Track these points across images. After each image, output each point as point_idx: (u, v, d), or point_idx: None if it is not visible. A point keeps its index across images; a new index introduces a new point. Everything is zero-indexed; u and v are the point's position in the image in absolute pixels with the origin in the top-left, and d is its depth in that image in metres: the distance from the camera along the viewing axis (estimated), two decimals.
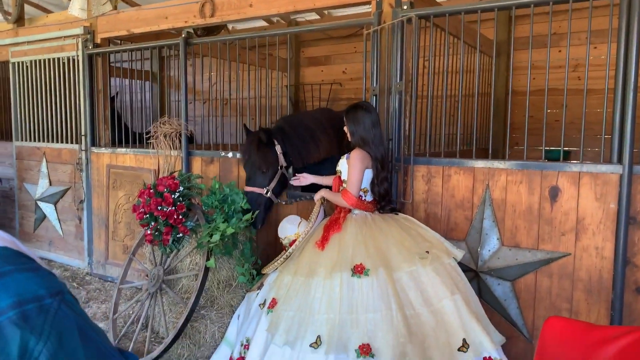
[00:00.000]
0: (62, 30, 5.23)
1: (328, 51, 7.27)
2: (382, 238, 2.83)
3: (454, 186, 3.28)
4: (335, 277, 2.64)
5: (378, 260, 2.68)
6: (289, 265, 2.90)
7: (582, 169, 2.89)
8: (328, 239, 2.88)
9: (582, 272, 2.92)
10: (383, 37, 3.48)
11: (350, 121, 3.05)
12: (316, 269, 2.73)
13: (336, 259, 2.74)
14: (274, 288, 2.89)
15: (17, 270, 0.70)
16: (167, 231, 3.36)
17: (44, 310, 0.68)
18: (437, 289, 2.64)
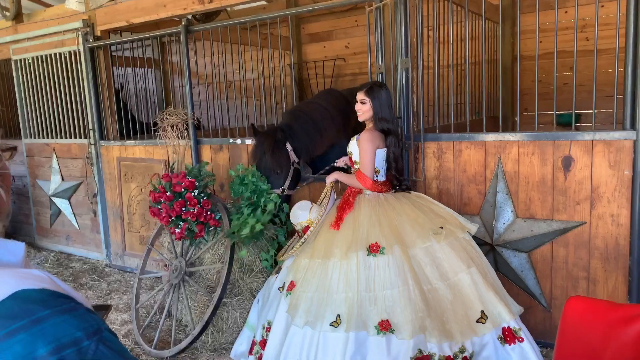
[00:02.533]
0: (61, 24, 5.20)
1: (329, 26, 7.16)
2: (395, 216, 2.85)
3: (466, 161, 3.26)
4: (352, 256, 2.68)
5: (393, 238, 2.70)
6: (305, 249, 2.94)
7: (594, 137, 2.86)
8: (342, 218, 2.90)
9: (598, 240, 2.92)
10: (386, 13, 3.42)
11: (374, 99, 2.99)
12: (332, 249, 2.76)
13: (351, 238, 2.77)
14: (291, 271, 2.93)
15: (54, 313, 0.71)
16: (200, 229, 3.42)
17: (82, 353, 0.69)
18: (452, 263, 2.67)
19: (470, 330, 2.53)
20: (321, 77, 7.20)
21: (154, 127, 4.40)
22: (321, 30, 7.23)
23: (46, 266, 5.33)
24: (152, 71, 6.94)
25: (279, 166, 3.52)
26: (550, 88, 5.33)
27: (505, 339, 2.55)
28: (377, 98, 3.00)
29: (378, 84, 3.09)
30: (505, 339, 2.55)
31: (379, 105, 2.99)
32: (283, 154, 3.54)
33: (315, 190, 3.95)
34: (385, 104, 3.00)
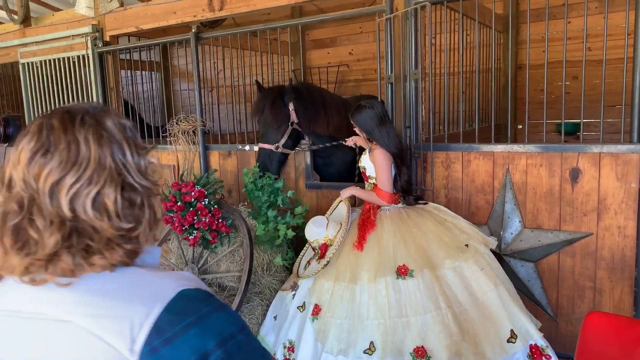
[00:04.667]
0: (70, 29, 5.23)
1: (333, 33, 7.22)
2: (420, 234, 2.83)
3: (474, 171, 3.31)
4: (380, 281, 2.64)
5: (420, 259, 2.69)
6: (328, 270, 2.87)
7: (602, 150, 2.91)
8: (365, 238, 2.86)
9: (605, 251, 2.98)
10: (396, 24, 3.47)
11: (358, 123, 3.04)
12: (358, 273, 2.73)
13: (378, 260, 2.73)
14: (314, 293, 2.87)
15: (213, 310, 0.83)
16: (213, 236, 3.46)
17: (240, 346, 0.81)
18: (480, 282, 2.67)
19: (502, 350, 2.53)
20: (325, 83, 7.25)
21: (164, 133, 4.43)
22: (325, 36, 7.28)
23: None
24: (155, 74, 6.99)
25: (277, 121, 3.63)
26: (553, 97, 5.42)
27: (533, 356, 2.56)
28: (360, 120, 3.04)
29: (358, 106, 3.08)
30: (532, 356, 2.56)
31: (363, 125, 3.02)
32: (282, 110, 3.65)
33: (323, 198, 3.99)
34: (371, 125, 3.00)
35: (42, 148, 0.84)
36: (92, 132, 0.86)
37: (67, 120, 0.88)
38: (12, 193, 0.85)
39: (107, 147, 0.87)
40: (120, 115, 0.96)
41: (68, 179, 0.82)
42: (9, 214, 0.84)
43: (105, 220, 0.84)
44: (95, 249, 0.83)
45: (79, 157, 0.84)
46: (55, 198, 0.82)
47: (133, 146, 0.91)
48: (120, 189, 0.86)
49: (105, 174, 0.85)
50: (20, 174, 0.84)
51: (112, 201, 0.84)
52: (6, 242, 0.84)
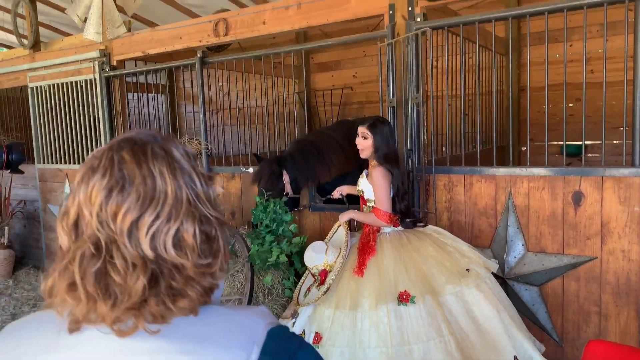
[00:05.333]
0: (78, 54, 5.33)
1: (337, 56, 7.31)
2: (420, 259, 2.80)
3: (477, 194, 3.31)
4: (381, 308, 2.61)
5: (421, 284, 2.67)
6: (328, 297, 2.84)
7: (604, 174, 2.91)
8: (365, 263, 2.84)
9: (610, 275, 2.95)
10: (397, 49, 3.51)
11: (376, 135, 2.97)
12: (359, 299, 2.70)
13: (379, 286, 2.70)
14: (314, 321, 2.83)
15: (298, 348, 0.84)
16: None
17: None
18: (482, 308, 2.65)
19: None
20: (329, 105, 7.32)
21: None
22: (329, 60, 7.37)
23: None
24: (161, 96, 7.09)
25: (273, 195, 3.79)
26: (557, 119, 5.43)
27: None
28: (379, 134, 2.97)
29: (381, 119, 3.08)
30: None
31: (380, 140, 2.97)
32: (276, 183, 3.80)
33: (326, 220, 3.99)
34: (387, 140, 2.99)
35: (117, 184, 0.79)
36: (166, 164, 0.82)
37: (139, 152, 0.82)
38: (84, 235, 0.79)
39: (181, 179, 0.82)
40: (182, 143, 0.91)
41: (147, 216, 0.78)
42: (86, 259, 0.78)
43: (186, 258, 0.79)
44: (179, 289, 0.79)
45: (156, 191, 0.79)
46: (135, 237, 0.77)
47: (200, 175, 0.87)
48: (197, 223, 0.81)
49: (183, 208, 0.80)
50: (94, 214, 0.78)
51: (191, 236, 0.80)
52: (89, 289, 0.77)
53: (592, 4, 2.90)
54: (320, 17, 3.89)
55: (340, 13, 3.82)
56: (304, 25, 3.98)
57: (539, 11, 3.03)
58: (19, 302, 5.06)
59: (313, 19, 3.92)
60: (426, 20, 3.38)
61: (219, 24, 4.33)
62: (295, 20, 3.99)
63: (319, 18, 3.90)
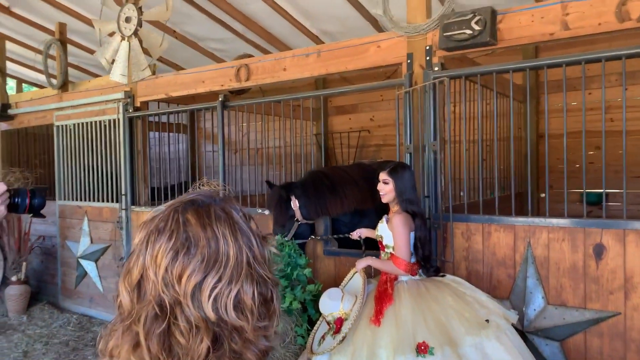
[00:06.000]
0: (104, 94, 5.50)
1: (355, 100, 7.42)
2: (439, 309, 2.74)
3: (495, 243, 3.26)
4: (399, 359, 2.55)
5: (440, 335, 2.60)
6: (344, 346, 2.78)
7: (626, 227, 2.85)
8: (382, 312, 2.78)
9: (635, 333, 2.84)
10: (415, 97, 3.56)
11: (397, 180, 2.97)
12: (376, 350, 2.64)
13: (396, 336, 2.65)
14: None
15: None
16: None
17: None
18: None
19: None
20: (346, 147, 7.38)
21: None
22: (347, 103, 7.49)
23: (68, 329, 5.33)
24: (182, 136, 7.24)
25: (281, 218, 3.92)
26: (577, 166, 5.39)
27: None
28: (400, 179, 2.97)
29: (402, 165, 3.11)
30: None
31: (402, 186, 2.96)
32: (286, 209, 3.90)
33: (341, 265, 3.95)
34: (408, 185, 2.98)
35: (183, 247, 0.79)
36: (228, 226, 0.83)
37: (203, 214, 0.83)
38: (149, 295, 0.79)
39: (242, 241, 0.83)
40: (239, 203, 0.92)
41: (210, 278, 0.78)
42: (150, 319, 0.78)
43: (246, 320, 0.79)
44: (239, 352, 0.79)
45: (219, 254, 0.80)
46: (197, 299, 0.77)
47: (257, 236, 0.88)
48: (256, 285, 0.82)
49: (244, 270, 0.81)
50: (160, 275, 0.79)
51: (250, 298, 0.80)
52: (153, 351, 0.77)
53: (610, 57, 2.92)
54: (340, 65, 3.98)
55: (359, 61, 3.90)
56: (323, 72, 4.07)
57: (556, 63, 3.06)
58: (32, 339, 5.05)
59: (332, 66, 4.01)
60: (444, 70, 3.44)
61: (240, 69, 4.45)
62: (314, 67, 4.08)
63: (338, 66, 3.99)
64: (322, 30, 5.94)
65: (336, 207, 3.96)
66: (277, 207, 3.90)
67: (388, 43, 3.75)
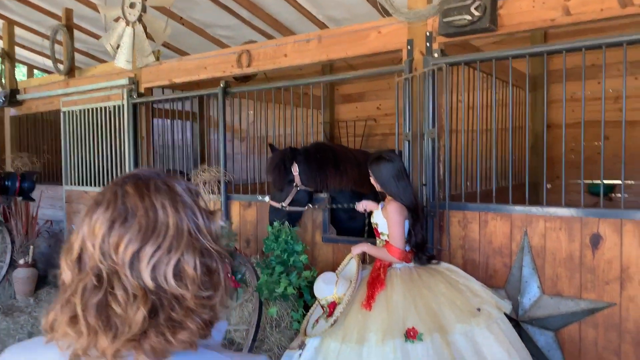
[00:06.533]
0: (109, 81, 5.54)
1: (362, 88, 7.38)
2: (431, 296, 2.74)
3: (491, 232, 3.24)
4: (388, 343, 2.55)
5: (431, 322, 2.60)
6: (335, 330, 2.79)
7: (623, 216, 2.81)
8: (374, 297, 2.79)
9: (630, 324, 2.81)
10: (415, 84, 3.52)
11: (375, 174, 3.02)
12: (366, 334, 2.65)
13: (387, 321, 2.65)
14: (320, 353, 2.77)
15: None
16: None
17: None
18: (493, 350, 2.56)
19: None
20: (352, 136, 7.36)
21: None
22: (354, 92, 7.45)
23: None
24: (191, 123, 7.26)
25: (279, 182, 3.90)
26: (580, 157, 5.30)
27: None
28: (377, 171, 3.01)
29: (380, 157, 3.06)
30: None
31: (381, 178, 3.00)
32: (285, 173, 3.88)
33: (339, 252, 3.96)
34: (388, 177, 2.97)
35: (120, 216, 0.81)
36: (168, 198, 0.84)
37: (142, 186, 0.85)
38: (87, 268, 0.80)
39: (183, 212, 0.84)
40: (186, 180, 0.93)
41: (148, 247, 0.79)
42: (88, 291, 0.79)
43: (187, 289, 0.80)
44: (179, 320, 0.80)
45: (157, 223, 0.81)
46: (136, 269, 0.78)
47: (203, 210, 0.89)
48: (198, 255, 0.83)
49: (184, 240, 0.82)
50: (97, 245, 0.80)
51: (192, 268, 0.81)
52: (90, 322, 0.78)
53: (610, 44, 2.86)
54: (340, 51, 3.95)
55: (359, 47, 3.87)
56: (324, 58, 4.05)
57: (556, 50, 3.01)
58: (38, 321, 5.15)
59: (333, 52, 3.98)
60: (444, 56, 3.39)
61: (242, 55, 4.45)
62: (315, 53, 4.06)
63: (338, 52, 3.96)
64: (328, 17, 5.90)
65: (335, 181, 3.93)
66: (277, 170, 3.87)
67: (388, 29, 3.72)
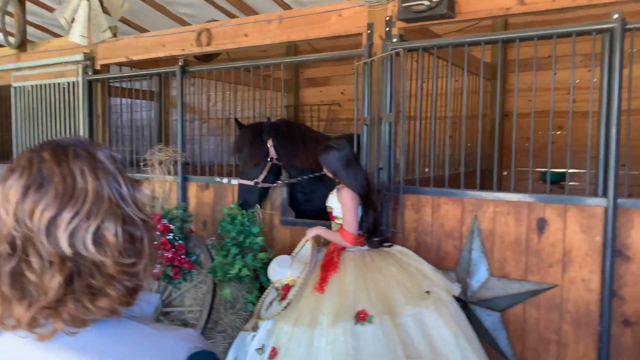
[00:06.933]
0: (63, 56, 5.33)
1: (326, 72, 7.36)
2: (382, 279, 2.78)
3: (444, 215, 3.31)
4: (339, 326, 2.57)
5: (381, 304, 2.64)
6: (288, 312, 2.80)
7: (567, 202, 2.92)
8: (327, 280, 2.81)
9: (570, 304, 2.94)
10: (374, 68, 3.53)
11: (325, 163, 3.05)
12: (318, 316, 2.66)
13: (338, 304, 2.67)
14: (272, 336, 2.79)
15: None
16: (175, 272, 3.43)
17: None
18: (441, 332, 2.62)
19: None
20: (316, 120, 7.34)
21: (143, 162, 4.46)
22: (319, 75, 7.42)
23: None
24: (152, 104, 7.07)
25: (256, 158, 3.78)
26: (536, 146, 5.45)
27: None
28: (325, 160, 3.06)
29: (326, 146, 3.09)
30: None
31: (330, 166, 3.03)
32: (262, 147, 3.79)
33: (297, 235, 3.97)
34: (337, 166, 3.01)
35: (35, 182, 0.79)
36: (87, 165, 0.82)
37: (60, 152, 0.82)
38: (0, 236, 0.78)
39: (104, 179, 0.82)
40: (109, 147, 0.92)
41: (66, 213, 0.77)
42: (2, 259, 0.77)
43: (107, 256, 0.79)
44: (98, 288, 0.79)
45: (75, 189, 0.79)
46: (53, 235, 0.77)
47: (127, 178, 0.87)
48: (120, 222, 0.82)
49: (105, 207, 0.80)
50: (11, 212, 0.78)
51: (113, 235, 0.80)
52: (4, 290, 0.77)
53: (561, 33, 2.93)
54: (301, 33, 3.92)
55: (320, 30, 3.85)
56: (285, 39, 4.00)
57: (510, 38, 3.07)
58: None
59: (294, 34, 3.94)
60: (402, 42, 3.41)
61: (202, 33, 4.35)
62: (276, 34, 4.01)
63: (299, 33, 3.92)
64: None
65: (302, 158, 3.91)
66: (253, 145, 3.77)
67: (349, 12, 3.70)
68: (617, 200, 2.76)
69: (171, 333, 0.86)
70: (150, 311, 0.93)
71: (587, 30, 2.85)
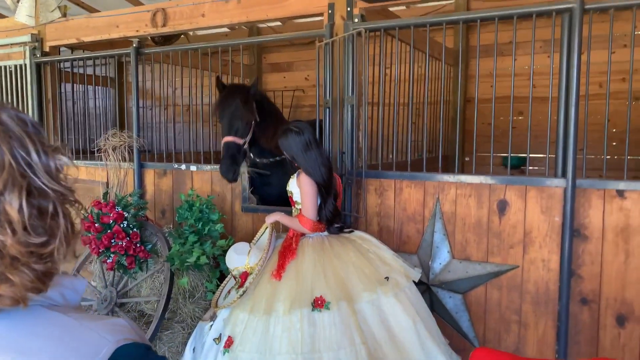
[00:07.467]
0: (9, 37, 5.03)
1: (290, 57, 7.23)
2: (340, 265, 2.73)
3: (406, 199, 3.28)
4: (295, 313, 2.51)
5: (339, 291, 2.59)
6: (245, 300, 2.72)
7: (527, 183, 2.93)
8: (284, 267, 2.74)
9: (530, 285, 2.96)
10: (335, 49, 3.46)
11: (284, 147, 2.93)
12: (274, 303, 2.59)
13: (295, 291, 2.61)
14: (229, 324, 2.70)
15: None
16: (130, 261, 3.26)
17: None
18: (398, 318, 2.58)
19: None
20: (280, 107, 7.21)
21: (96, 148, 4.26)
22: (282, 60, 7.28)
23: None
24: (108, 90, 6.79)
25: (246, 113, 3.58)
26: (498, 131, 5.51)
27: None
28: (283, 146, 2.94)
29: (285, 129, 2.97)
30: None
31: (290, 151, 2.91)
32: (250, 106, 3.63)
33: (258, 222, 3.88)
34: (296, 151, 2.88)
35: None
36: None
37: None
38: None
39: (5, 143, 0.69)
40: (19, 110, 0.78)
41: None
42: None
43: (8, 234, 0.67)
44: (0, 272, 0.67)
45: None
46: None
47: (38, 144, 0.74)
48: (26, 194, 0.69)
49: (5, 176, 0.68)
50: None
51: (16, 210, 0.67)
52: None
53: (522, 14, 2.92)
54: (260, 13, 3.79)
55: (280, 10, 3.73)
56: (244, 20, 3.88)
57: (471, 18, 3.04)
58: None
59: (252, 14, 3.82)
60: (364, 22, 3.34)
61: (157, 14, 4.17)
62: (234, 14, 3.88)
63: (258, 13, 3.80)
64: None
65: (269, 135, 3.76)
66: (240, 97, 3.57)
67: None
68: (575, 181, 2.79)
69: (95, 323, 0.75)
70: (77, 299, 0.82)
71: (547, 10, 2.84)
